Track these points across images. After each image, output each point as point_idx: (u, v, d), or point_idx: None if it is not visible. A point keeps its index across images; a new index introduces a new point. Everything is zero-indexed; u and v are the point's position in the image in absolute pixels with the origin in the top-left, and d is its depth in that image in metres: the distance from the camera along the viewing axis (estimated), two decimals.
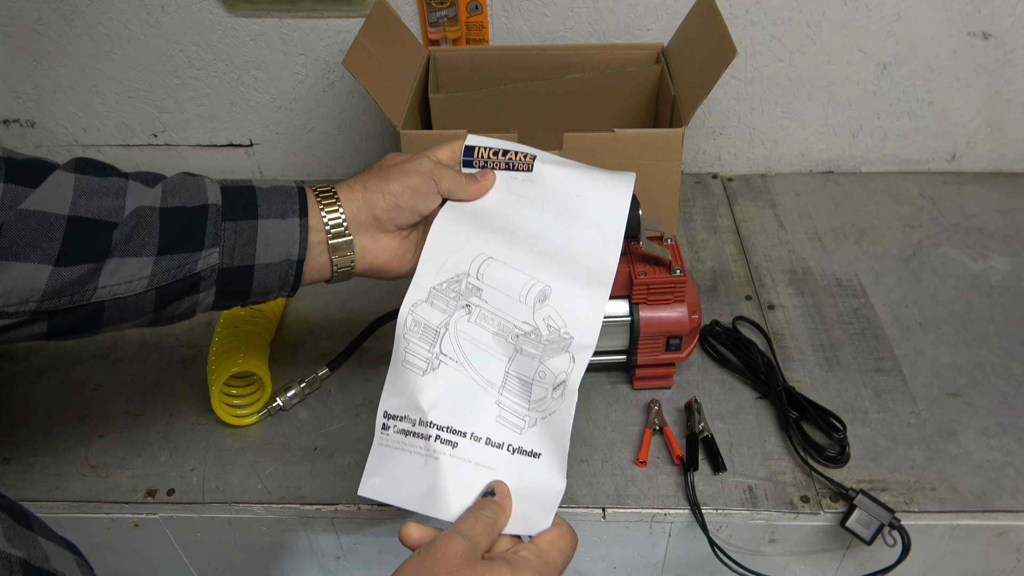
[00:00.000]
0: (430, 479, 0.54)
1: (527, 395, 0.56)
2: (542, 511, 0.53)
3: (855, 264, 0.98)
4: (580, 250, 0.61)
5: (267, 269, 0.57)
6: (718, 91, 1.09)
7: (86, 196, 0.52)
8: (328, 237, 0.59)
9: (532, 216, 0.62)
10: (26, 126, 1.18)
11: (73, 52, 1.09)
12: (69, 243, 0.50)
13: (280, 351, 0.90)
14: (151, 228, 0.53)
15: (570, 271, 0.59)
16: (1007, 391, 0.81)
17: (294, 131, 1.16)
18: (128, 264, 0.52)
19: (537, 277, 0.58)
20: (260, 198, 0.57)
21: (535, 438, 0.55)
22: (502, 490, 0.54)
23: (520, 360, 0.56)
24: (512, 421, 0.56)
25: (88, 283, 0.52)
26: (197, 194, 0.56)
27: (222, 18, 1.05)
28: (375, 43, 0.84)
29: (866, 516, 0.68)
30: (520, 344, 0.56)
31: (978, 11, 1.00)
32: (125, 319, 0.55)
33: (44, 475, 0.77)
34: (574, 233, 0.61)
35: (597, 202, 0.63)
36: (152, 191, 0.55)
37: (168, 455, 0.79)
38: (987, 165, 1.15)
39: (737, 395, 0.82)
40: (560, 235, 0.61)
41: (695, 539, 0.73)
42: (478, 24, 1.02)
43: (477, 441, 0.55)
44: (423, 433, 0.55)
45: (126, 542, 0.78)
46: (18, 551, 0.44)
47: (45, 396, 0.86)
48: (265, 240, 0.57)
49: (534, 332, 0.56)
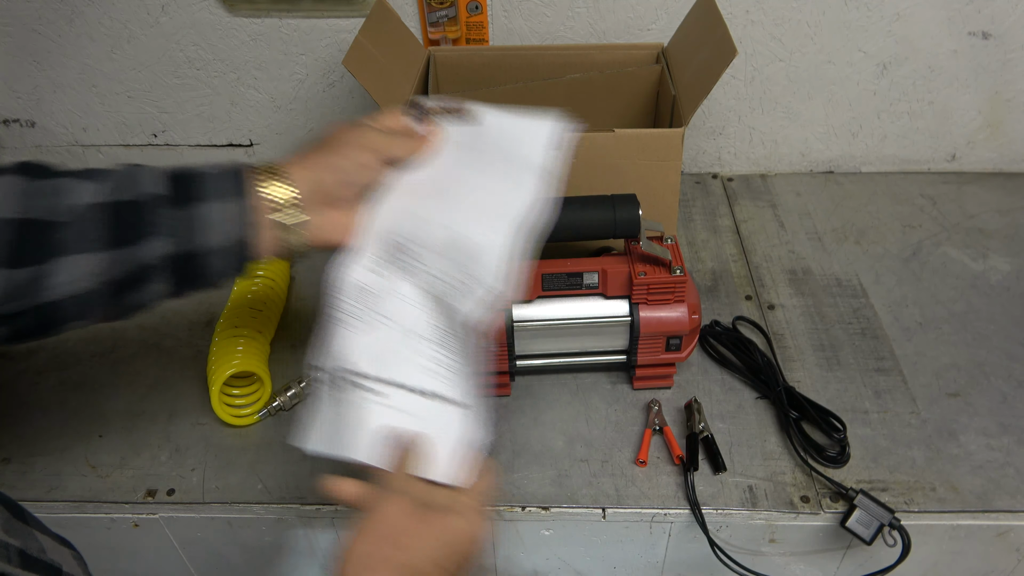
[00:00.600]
0: (364, 428, 0.55)
1: (451, 345, 0.58)
2: (466, 459, 0.56)
3: (855, 264, 0.98)
4: (496, 190, 0.60)
5: (220, 253, 0.56)
6: (718, 91, 1.09)
7: (32, 197, 0.52)
8: (277, 216, 0.58)
9: (459, 164, 0.63)
10: (26, 126, 1.18)
11: (73, 52, 1.09)
12: (17, 245, 0.51)
13: (280, 351, 0.90)
14: (98, 223, 0.53)
15: (482, 215, 0.59)
16: (1007, 391, 0.81)
17: (294, 131, 1.16)
18: (78, 261, 0.53)
19: (453, 226, 0.58)
20: (204, 183, 0.57)
21: (460, 388, 0.57)
22: (423, 439, 0.55)
23: (441, 310, 0.58)
24: (438, 371, 0.57)
25: (41, 283, 0.52)
26: (142, 184, 0.55)
27: (222, 18, 1.05)
28: (375, 43, 0.84)
29: (866, 516, 0.68)
30: (441, 295, 0.57)
31: (978, 11, 1.00)
32: (84, 316, 0.55)
33: (44, 475, 0.77)
34: (491, 176, 0.61)
35: (517, 141, 0.63)
36: (97, 186, 0.54)
37: (168, 455, 0.79)
38: (987, 165, 1.15)
39: (737, 395, 0.82)
40: (479, 180, 0.62)
41: (695, 539, 0.74)
42: (478, 24, 1.02)
43: (406, 390, 0.56)
44: (357, 383, 0.56)
45: (126, 542, 0.78)
46: (16, 541, 0.44)
47: (45, 396, 0.86)
48: (211, 224, 0.56)
49: (453, 282, 0.57)
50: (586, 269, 0.76)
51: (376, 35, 0.85)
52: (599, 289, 0.76)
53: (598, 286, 0.76)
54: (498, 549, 0.77)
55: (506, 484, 0.74)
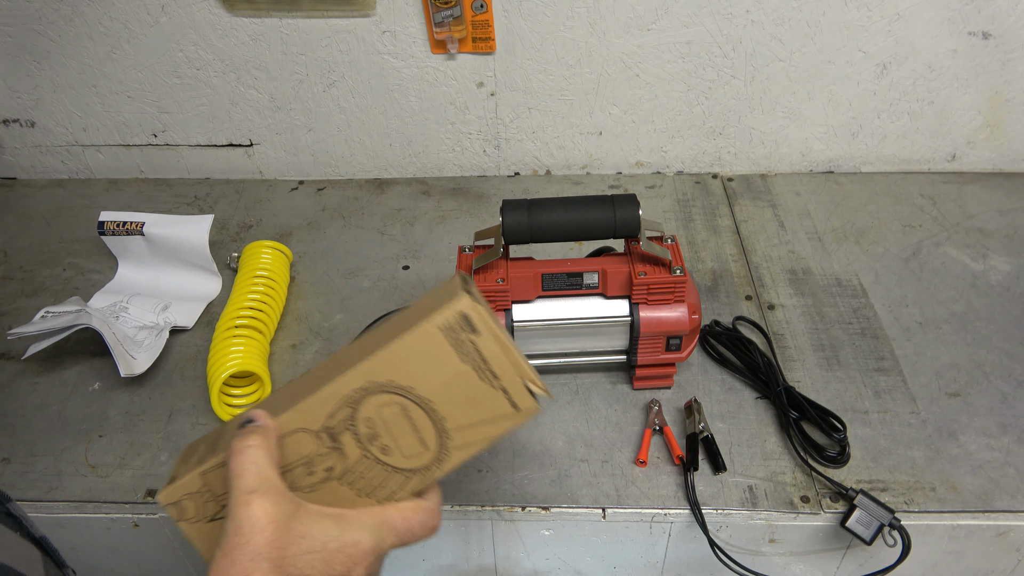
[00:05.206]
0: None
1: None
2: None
3: (855, 264, 0.98)
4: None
5: None
6: (718, 91, 1.09)
7: None
8: None
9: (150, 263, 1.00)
10: (26, 126, 1.18)
11: (73, 52, 1.09)
12: None
13: (280, 351, 0.90)
14: None
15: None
16: (1007, 391, 0.81)
17: (294, 131, 1.16)
18: None
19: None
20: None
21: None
22: (257, 413, 0.49)
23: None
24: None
25: None
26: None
27: (222, 18, 1.05)
28: None
29: (866, 516, 0.68)
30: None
31: (978, 11, 1.00)
32: None
33: (44, 475, 0.77)
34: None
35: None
36: None
37: (168, 455, 0.79)
38: (987, 165, 1.15)
39: (737, 395, 0.82)
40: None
41: (695, 539, 0.74)
42: (483, 23, 1.02)
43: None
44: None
45: (126, 542, 0.78)
46: None
47: (45, 396, 0.86)
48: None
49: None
50: (586, 269, 0.76)
51: None
52: (599, 289, 0.76)
53: (598, 286, 0.76)
54: (498, 549, 0.77)
55: (506, 484, 0.74)
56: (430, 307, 0.49)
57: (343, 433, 0.49)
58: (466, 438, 0.50)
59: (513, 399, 0.50)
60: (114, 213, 0.98)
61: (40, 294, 1.00)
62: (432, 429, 0.50)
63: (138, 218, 0.97)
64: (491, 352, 0.49)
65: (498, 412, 0.50)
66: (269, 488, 0.45)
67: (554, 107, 1.11)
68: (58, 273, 1.03)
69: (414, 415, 0.50)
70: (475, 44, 1.04)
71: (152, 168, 1.22)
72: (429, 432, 0.50)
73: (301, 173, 1.21)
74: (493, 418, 0.51)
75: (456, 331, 0.49)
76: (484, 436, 0.51)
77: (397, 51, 1.06)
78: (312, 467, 0.50)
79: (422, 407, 0.49)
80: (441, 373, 0.49)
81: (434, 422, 0.50)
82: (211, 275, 0.99)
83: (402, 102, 1.12)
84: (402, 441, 0.50)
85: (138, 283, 0.99)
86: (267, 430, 0.48)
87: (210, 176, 1.22)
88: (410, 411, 0.49)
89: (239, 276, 0.93)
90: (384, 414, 0.49)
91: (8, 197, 1.20)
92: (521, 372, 0.50)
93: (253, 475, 0.45)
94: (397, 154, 1.18)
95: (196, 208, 1.15)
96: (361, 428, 0.49)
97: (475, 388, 0.50)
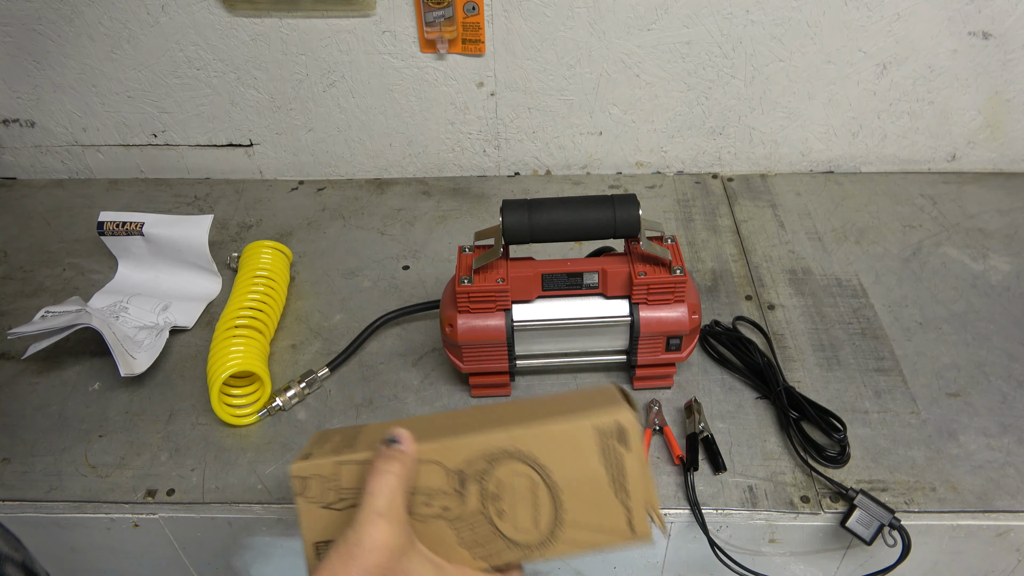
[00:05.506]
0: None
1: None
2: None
3: (855, 264, 0.98)
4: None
5: None
6: (718, 91, 1.09)
7: None
8: None
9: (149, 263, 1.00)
10: (26, 126, 1.18)
11: (73, 52, 1.09)
12: None
13: (280, 351, 0.90)
14: None
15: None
16: (1007, 391, 0.81)
17: (294, 131, 1.16)
18: None
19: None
20: None
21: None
22: (404, 435, 0.51)
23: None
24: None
25: None
26: None
27: (222, 18, 1.05)
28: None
29: (866, 516, 0.68)
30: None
31: (978, 11, 1.00)
32: None
33: (44, 475, 0.77)
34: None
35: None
36: None
37: (168, 455, 0.79)
38: (987, 165, 1.15)
39: (737, 395, 0.82)
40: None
41: (695, 539, 0.73)
42: (474, 25, 1.02)
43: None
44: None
45: (126, 542, 0.78)
46: None
47: (45, 396, 0.86)
48: None
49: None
50: (586, 269, 0.76)
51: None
52: (599, 289, 0.76)
53: (598, 286, 0.76)
54: None
55: None
56: (591, 404, 0.53)
57: (472, 482, 0.52)
58: (575, 536, 0.52)
59: (632, 520, 0.52)
60: (114, 213, 0.98)
61: (40, 294, 1.00)
62: (550, 513, 0.52)
63: (138, 218, 0.97)
64: (631, 469, 0.52)
65: (614, 526, 0.53)
66: (395, 517, 0.47)
67: (554, 107, 1.11)
68: (58, 273, 1.03)
69: (540, 495, 0.52)
70: (464, 46, 1.05)
71: (152, 168, 1.22)
72: (546, 516, 0.52)
73: (301, 173, 1.21)
74: (607, 529, 0.53)
75: (608, 437, 0.51)
76: (590, 542, 0.53)
77: (397, 51, 1.06)
78: (432, 500, 0.52)
79: (550, 491, 0.52)
80: (580, 468, 0.52)
81: (555, 508, 0.52)
82: (211, 275, 0.99)
83: (402, 102, 1.12)
84: (519, 512, 0.52)
85: (138, 283, 0.99)
86: (408, 459, 0.51)
87: (210, 176, 1.22)
88: (538, 490, 0.52)
89: (239, 276, 0.93)
90: (515, 482, 0.52)
91: (8, 197, 1.20)
92: (649, 499, 0.52)
93: (386, 499, 0.48)
94: (397, 154, 1.18)
95: (196, 208, 1.15)
96: (489, 485, 0.52)
97: (603, 495, 0.52)
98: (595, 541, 0.53)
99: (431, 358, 0.88)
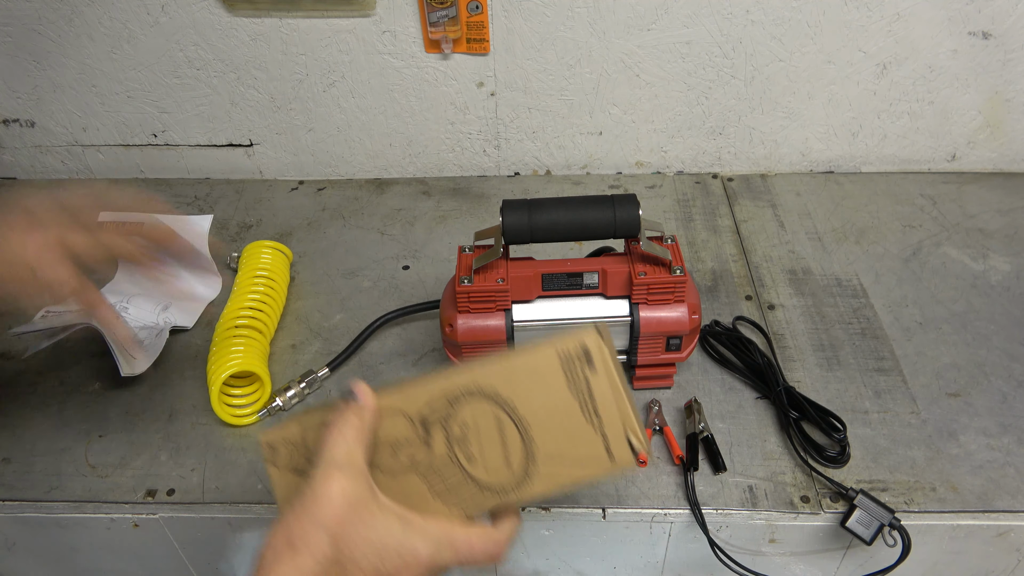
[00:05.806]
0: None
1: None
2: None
3: (855, 264, 0.98)
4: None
5: None
6: (718, 91, 1.09)
7: None
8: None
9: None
10: (26, 126, 1.18)
11: (73, 52, 1.09)
12: None
13: (280, 351, 0.90)
14: None
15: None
16: (1007, 391, 0.81)
17: (294, 131, 1.16)
18: None
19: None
20: None
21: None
22: (361, 388, 0.51)
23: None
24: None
25: None
26: None
27: (222, 18, 1.05)
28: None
29: (866, 516, 0.68)
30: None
31: (978, 11, 1.00)
32: None
33: (44, 475, 0.77)
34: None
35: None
36: None
37: (168, 455, 0.79)
38: (987, 165, 1.15)
39: (737, 395, 0.82)
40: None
41: (695, 539, 0.73)
42: (478, 24, 1.02)
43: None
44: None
45: (126, 542, 0.78)
46: None
47: (45, 396, 0.86)
48: None
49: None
50: (586, 269, 0.76)
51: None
52: (599, 289, 0.76)
53: (598, 286, 0.76)
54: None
55: None
56: (559, 337, 0.50)
57: (436, 427, 0.50)
58: (551, 471, 0.50)
59: (610, 446, 0.49)
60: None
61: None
62: (520, 451, 0.50)
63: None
64: (601, 392, 0.49)
65: (591, 455, 0.50)
66: (352, 468, 0.47)
67: (554, 107, 1.11)
68: None
69: (507, 432, 0.50)
70: (469, 45, 1.04)
71: (152, 168, 1.22)
72: (517, 453, 0.50)
73: (301, 173, 1.21)
74: (585, 459, 0.50)
75: (572, 361, 0.49)
76: (570, 475, 0.50)
77: (397, 51, 1.06)
78: (398, 451, 0.50)
79: (517, 426, 0.49)
80: (546, 398, 0.49)
81: (524, 444, 0.50)
82: (211, 275, 0.99)
83: (402, 102, 1.12)
84: (488, 453, 0.50)
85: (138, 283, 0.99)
86: (364, 410, 0.50)
87: (210, 176, 1.22)
88: (504, 427, 0.49)
89: (239, 276, 0.93)
90: (479, 422, 0.50)
91: (8, 197, 1.19)
92: (627, 422, 0.49)
93: (342, 451, 0.47)
94: (397, 154, 1.18)
95: (196, 208, 1.15)
96: (454, 428, 0.50)
97: (575, 423, 0.49)
98: (575, 475, 0.50)
99: (431, 358, 0.88)
